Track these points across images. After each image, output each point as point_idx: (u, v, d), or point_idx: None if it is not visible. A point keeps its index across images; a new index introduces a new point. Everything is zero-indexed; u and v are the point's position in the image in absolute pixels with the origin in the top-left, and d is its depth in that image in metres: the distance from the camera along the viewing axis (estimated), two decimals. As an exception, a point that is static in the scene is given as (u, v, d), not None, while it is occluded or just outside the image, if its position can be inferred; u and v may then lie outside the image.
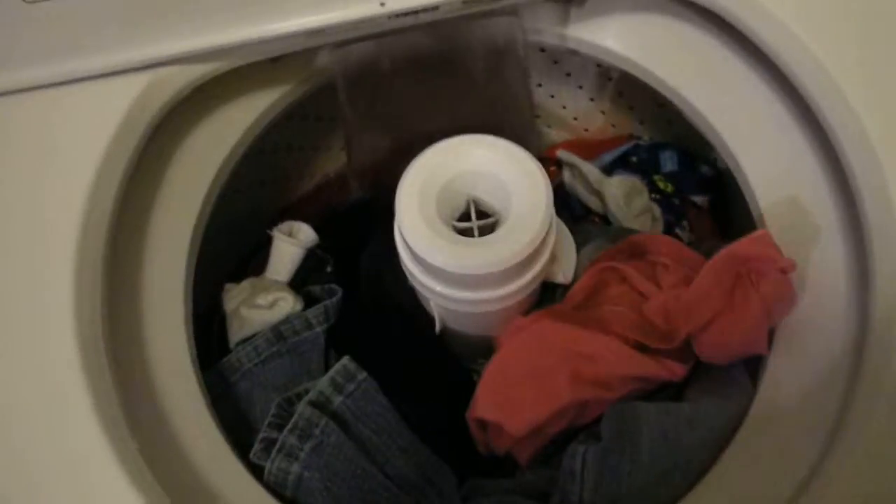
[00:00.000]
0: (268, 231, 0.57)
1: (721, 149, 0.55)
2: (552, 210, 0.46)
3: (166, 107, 0.48)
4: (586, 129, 0.77)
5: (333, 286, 0.57)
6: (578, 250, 0.59)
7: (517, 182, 0.46)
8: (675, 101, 0.56)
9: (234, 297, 0.55)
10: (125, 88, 0.45)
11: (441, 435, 0.51)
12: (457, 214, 0.49)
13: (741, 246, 0.46)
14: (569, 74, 0.71)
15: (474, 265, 0.44)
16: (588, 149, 0.75)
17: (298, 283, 0.59)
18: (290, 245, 0.56)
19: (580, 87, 0.73)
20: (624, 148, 0.72)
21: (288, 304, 0.52)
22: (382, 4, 0.47)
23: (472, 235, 0.47)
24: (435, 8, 0.48)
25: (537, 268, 0.47)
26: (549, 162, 0.74)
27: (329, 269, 0.60)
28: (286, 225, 0.58)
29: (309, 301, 0.57)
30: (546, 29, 0.59)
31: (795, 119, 0.50)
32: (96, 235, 0.44)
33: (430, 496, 0.48)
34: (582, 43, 0.58)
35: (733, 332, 0.46)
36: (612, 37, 0.57)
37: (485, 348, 0.54)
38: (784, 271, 0.45)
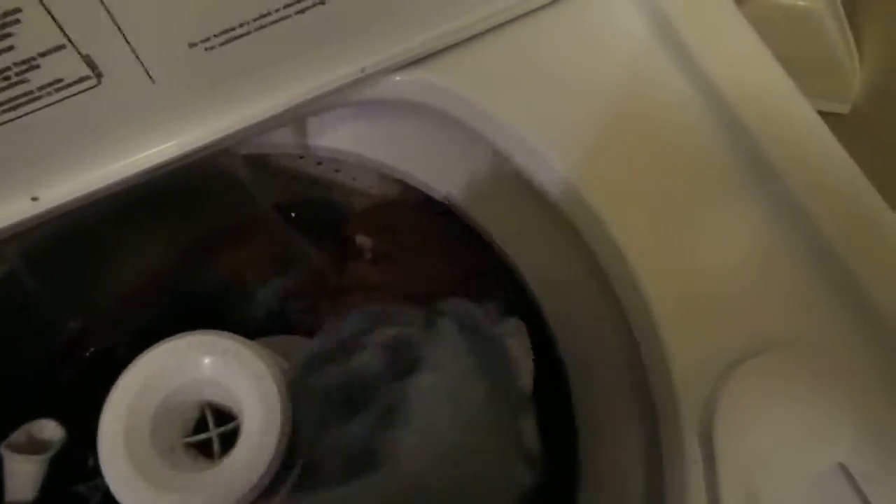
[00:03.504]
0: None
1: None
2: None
3: None
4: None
5: (99, 482, 0.49)
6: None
7: (250, 398, 0.38)
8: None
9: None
10: None
11: None
12: (191, 424, 0.41)
13: None
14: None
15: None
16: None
17: (59, 483, 0.50)
18: (26, 463, 0.46)
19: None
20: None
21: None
22: (35, 199, 0.38)
23: (212, 449, 0.39)
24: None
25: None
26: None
27: (91, 461, 0.51)
28: (22, 432, 0.48)
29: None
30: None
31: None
32: None
33: None
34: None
35: None
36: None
37: None
38: None
